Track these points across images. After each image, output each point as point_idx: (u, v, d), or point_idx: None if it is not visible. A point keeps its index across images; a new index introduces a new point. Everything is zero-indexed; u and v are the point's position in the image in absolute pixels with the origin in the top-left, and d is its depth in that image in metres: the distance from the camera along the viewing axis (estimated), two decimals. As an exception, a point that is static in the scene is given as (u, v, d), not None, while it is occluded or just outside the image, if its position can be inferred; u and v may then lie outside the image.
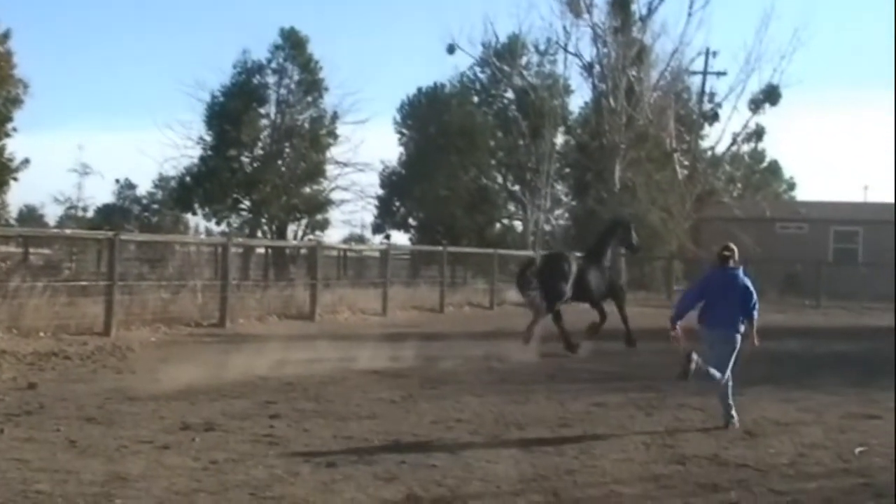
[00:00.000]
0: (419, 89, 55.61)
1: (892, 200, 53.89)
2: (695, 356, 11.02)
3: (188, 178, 46.22)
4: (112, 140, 78.97)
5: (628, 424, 11.40)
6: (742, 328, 11.32)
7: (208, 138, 46.38)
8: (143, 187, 53.32)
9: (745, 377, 14.35)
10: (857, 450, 10.18)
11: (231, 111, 45.39)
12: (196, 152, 46.53)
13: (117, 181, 56.22)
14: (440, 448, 9.61)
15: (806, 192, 77.51)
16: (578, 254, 21.31)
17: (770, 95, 49.85)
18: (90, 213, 56.68)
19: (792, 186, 77.92)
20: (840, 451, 10.12)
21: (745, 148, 57.86)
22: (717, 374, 11.17)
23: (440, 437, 10.22)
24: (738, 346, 11.31)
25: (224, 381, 13.61)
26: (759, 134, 52.49)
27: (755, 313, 11.30)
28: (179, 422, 10.51)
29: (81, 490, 7.71)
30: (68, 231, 32.34)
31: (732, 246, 11.69)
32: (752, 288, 11.34)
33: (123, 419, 10.66)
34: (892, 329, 27.81)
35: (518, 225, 55.57)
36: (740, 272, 11.43)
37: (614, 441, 10.28)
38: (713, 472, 9.04)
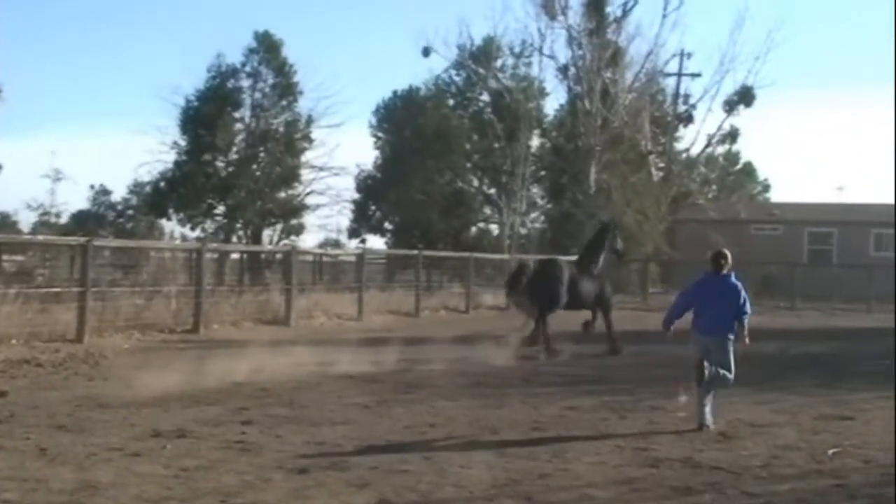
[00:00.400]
0: (394, 92, 55.63)
1: (870, 201, 54.28)
2: (706, 363, 11.15)
3: (162, 184, 46.05)
4: (86, 146, 78.54)
5: (602, 427, 11.39)
6: (734, 332, 11.46)
7: (183, 143, 46.21)
8: (119, 193, 52.96)
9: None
10: (831, 451, 10.20)
11: (205, 115, 45.22)
12: (171, 157, 46.40)
13: (92, 187, 55.85)
14: (413, 453, 9.56)
15: (781, 194, 77.77)
16: (568, 258, 21.41)
17: (744, 97, 50.11)
18: (64, 220, 56.43)
19: (767, 188, 78.15)
20: (813, 453, 10.13)
21: (720, 150, 58.24)
22: (730, 375, 11.39)
23: (414, 442, 10.18)
24: (731, 351, 11.45)
25: (197, 387, 13.54)
26: (733, 135, 52.77)
27: (747, 315, 11.44)
28: (151, 429, 10.43)
29: (50, 499, 7.64)
30: (41, 237, 32.06)
31: (726, 251, 11.88)
32: (744, 292, 11.47)
33: (94, 427, 10.57)
34: (864, 330, 28.02)
35: (494, 228, 55.60)
36: (733, 277, 11.61)
37: (588, 444, 10.26)
38: (686, 474, 9.03)
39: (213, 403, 12.35)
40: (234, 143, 47.03)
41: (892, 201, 46.52)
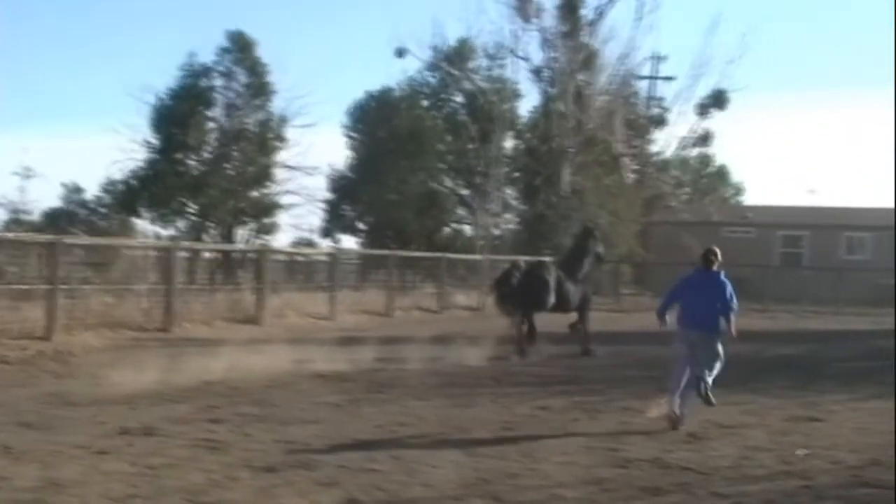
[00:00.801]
0: (368, 93, 55.43)
1: (841, 205, 54.60)
2: (707, 377, 11.61)
3: (134, 182, 45.75)
4: (57, 143, 77.98)
5: (572, 428, 11.39)
6: (719, 329, 11.77)
7: (155, 141, 45.90)
8: (92, 191, 52.56)
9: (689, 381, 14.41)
10: (800, 452, 10.22)
11: (177, 114, 44.92)
12: (142, 155, 46.10)
13: (64, 185, 55.46)
14: (382, 452, 9.52)
15: (753, 197, 77.90)
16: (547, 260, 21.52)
17: (717, 100, 50.19)
18: (35, 217, 56.02)
19: (739, 191, 78.29)
20: (782, 454, 10.15)
21: (693, 152, 58.23)
22: (714, 374, 11.77)
23: (383, 442, 10.15)
24: (719, 344, 11.76)
25: (166, 385, 13.47)
26: (706, 138, 52.78)
27: (734, 311, 11.75)
28: (118, 427, 10.37)
29: (14, 496, 7.57)
30: (10, 234, 31.83)
31: (716, 249, 12.16)
32: (731, 289, 11.76)
33: (61, 424, 10.50)
34: (834, 332, 28.17)
35: (467, 229, 55.49)
36: (722, 275, 11.89)
37: (558, 444, 10.26)
38: (656, 475, 9.03)
39: (182, 401, 12.30)
40: (206, 141, 46.71)
41: (869, 205, 46.91)
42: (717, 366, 11.77)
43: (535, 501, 7.98)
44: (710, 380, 11.69)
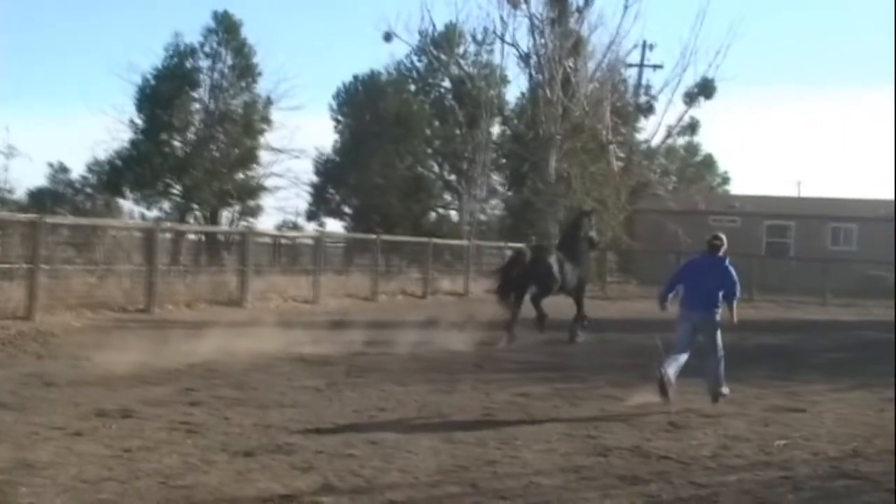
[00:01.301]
0: (355, 77, 55.35)
1: (828, 195, 54.70)
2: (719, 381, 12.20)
3: (118, 162, 45.57)
4: (43, 123, 77.65)
5: (552, 415, 11.33)
6: (720, 310, 12.23)
7: (139, 122, 45.73)
8: (77, 171, 52.36)
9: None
10: (779, 443, 10.18)
11: (163, 95, 44.77)
12: (127, 136, 45.92)
13: (50, 165, 55.22)
14: (360, 437, 9.45)
15: (740, 187, 77.99)
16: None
17: (705, 89, 50.13)
18: (21, 196, 55.77)
19: (726, 180, 78.39)
20: (762, 444, 10.11)
21: (681, 141, 58.27)
22: (682, 359, 12.02)
23: (361, 426, 10.06)
24: (718, 326, 12.22)
25: (146, 367, 13.38)
26: (693, 127, 52.75)
27: (737, 296, 12.23)
28: (95, 408, 10.29)
29: (-15, 477, 7.48)
30: (-7, 214, 31.66)
31: (721, 235, 12.49)
32: (734, 275, 12.16)
33: (38, 405, 10.42)
34: (819, 323, 28.21)
35: (453, 214, 55.49)
36: (727, 261, 12.26)
37: (537, 432, 10.19)
38: (635, 463, 8.97)
39: (161, 384, 12.21)
40: (191, 123, 46.58)
41: (855, 196, 47.00)
42: (721, 364, 12.21)
43: (512, 489, 7.91)
44: (724, 385, 12.28)
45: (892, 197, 47.08)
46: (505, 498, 7.62)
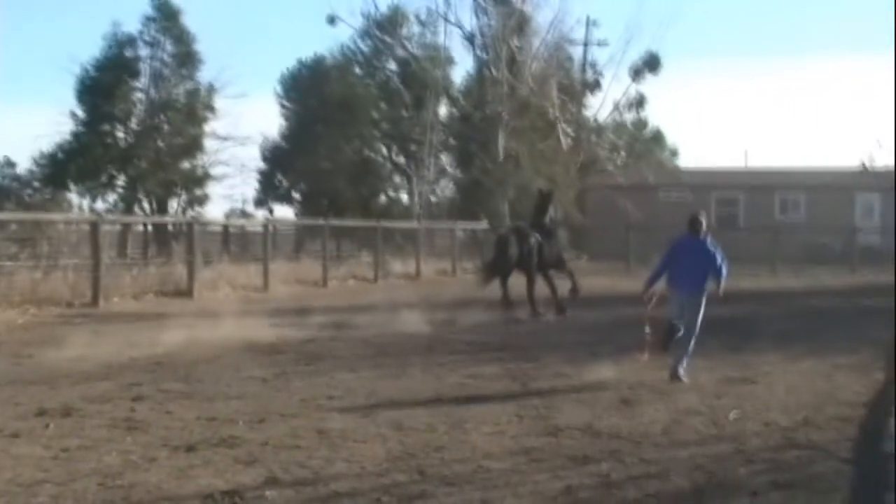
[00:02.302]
0: (300, 61, 54.85)
1: (774, 166, 55.02)
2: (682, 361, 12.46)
3: (61, 155, 44.85)
4: (-15, 117, 76.43)
5: (503, 396, 11.21)
6: (707, 289, 12.57)
7: (81, 113, 45.01)
8: (24, 165, 51.57)
9: (622, 344, 14.41)
10: (731, 415, 10.13)
11: (103, 85, 44.01)
12: (69, 128, 45.18)
13: (-6, 159, 54.40)
14: (307, 428, 9.27)
15: (688, 160, 78.18)
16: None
17: (650, 64, 50.25)
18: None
19: (675, 154, 78.52)
20: (714, 417, 10.06)
21: (629, 116, 58.21)
22: (681, 330, 12.55)
23: (309, 416, 9.88)
24: (703, 306, 12.52)
25: (89, 362, 13.16)
26: (640, 102, 52.82)
27: (724, 275, 12.52)
28: (35, 407, 10.04)
29: (-85, 485, 7.25)
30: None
31: (701, 217, 12.82)
32: (718, 256, 12.47)
33: (-24, 406, 10.16)
34: (770, 292, 28.33)
35: (404, 197, 55.25)
36: (708, 241, 12.60)
37: (488, 414, 10.06)
38: (586, 443, 8.88)
39: (104, 379, 11.98)
40: (133, 112, 45.92)
41: (802, 166, 47.15)
42: (691, 344, 12.53)
43: (460, 475, 7.77)
44: (684, 367, 12.42)
45: (856, 165, 47.48)
46: (452, 484, 7.49)
